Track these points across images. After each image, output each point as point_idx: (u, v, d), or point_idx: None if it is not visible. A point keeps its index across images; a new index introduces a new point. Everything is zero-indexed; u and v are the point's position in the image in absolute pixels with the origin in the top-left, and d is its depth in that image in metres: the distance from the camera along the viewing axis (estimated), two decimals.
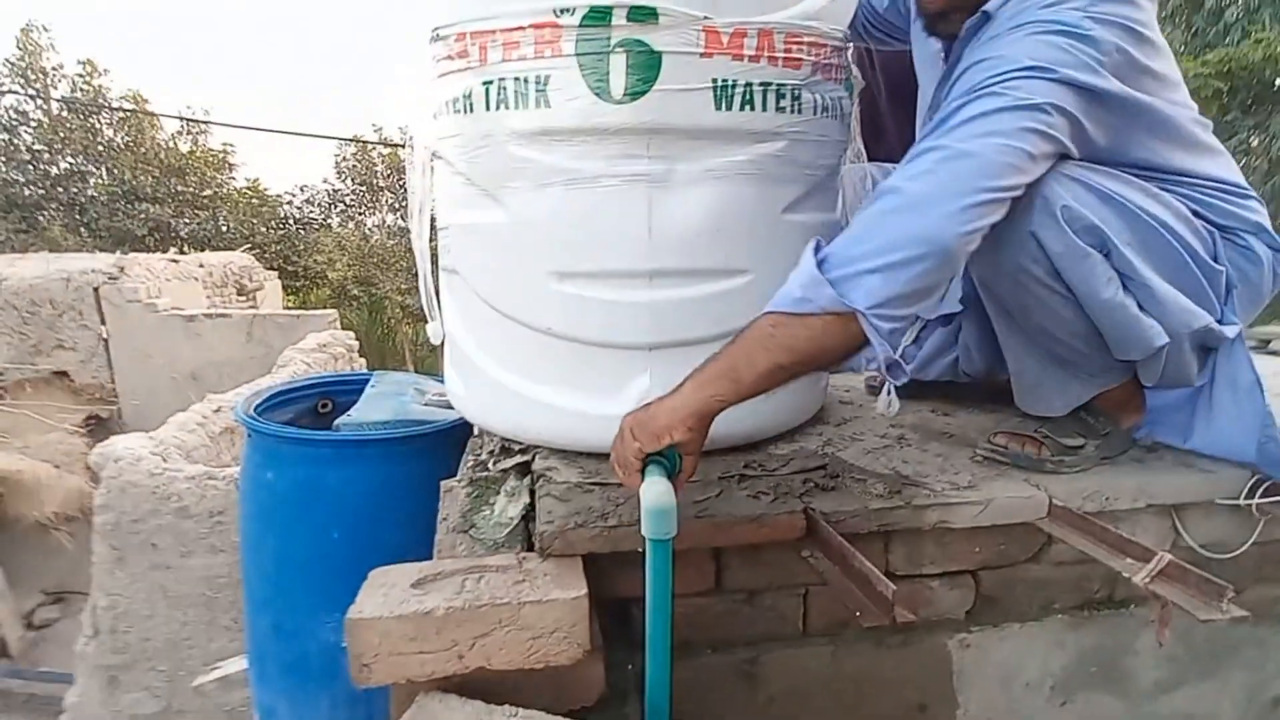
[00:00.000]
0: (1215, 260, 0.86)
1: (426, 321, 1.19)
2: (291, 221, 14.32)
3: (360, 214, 14.47)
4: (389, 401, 1.47)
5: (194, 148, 13.68)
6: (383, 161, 13.27)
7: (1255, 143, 7.96)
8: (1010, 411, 1.15)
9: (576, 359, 0.97)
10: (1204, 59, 7.29)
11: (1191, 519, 1.04)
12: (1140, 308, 0.85)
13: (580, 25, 0.85)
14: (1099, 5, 0.77)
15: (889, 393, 1.11)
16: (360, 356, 5.68)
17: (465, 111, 0.96)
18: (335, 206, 14.40)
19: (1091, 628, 1.04)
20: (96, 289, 5.36)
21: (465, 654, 0.68)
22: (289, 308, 10.35)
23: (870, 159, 1.35)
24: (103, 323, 5.37)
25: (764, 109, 0.90)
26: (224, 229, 13.47)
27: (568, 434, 0.99)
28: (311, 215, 14.49)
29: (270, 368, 4.80)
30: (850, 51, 1.06)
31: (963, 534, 0.95)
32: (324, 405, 1.66)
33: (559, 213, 0.93)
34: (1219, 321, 0.87)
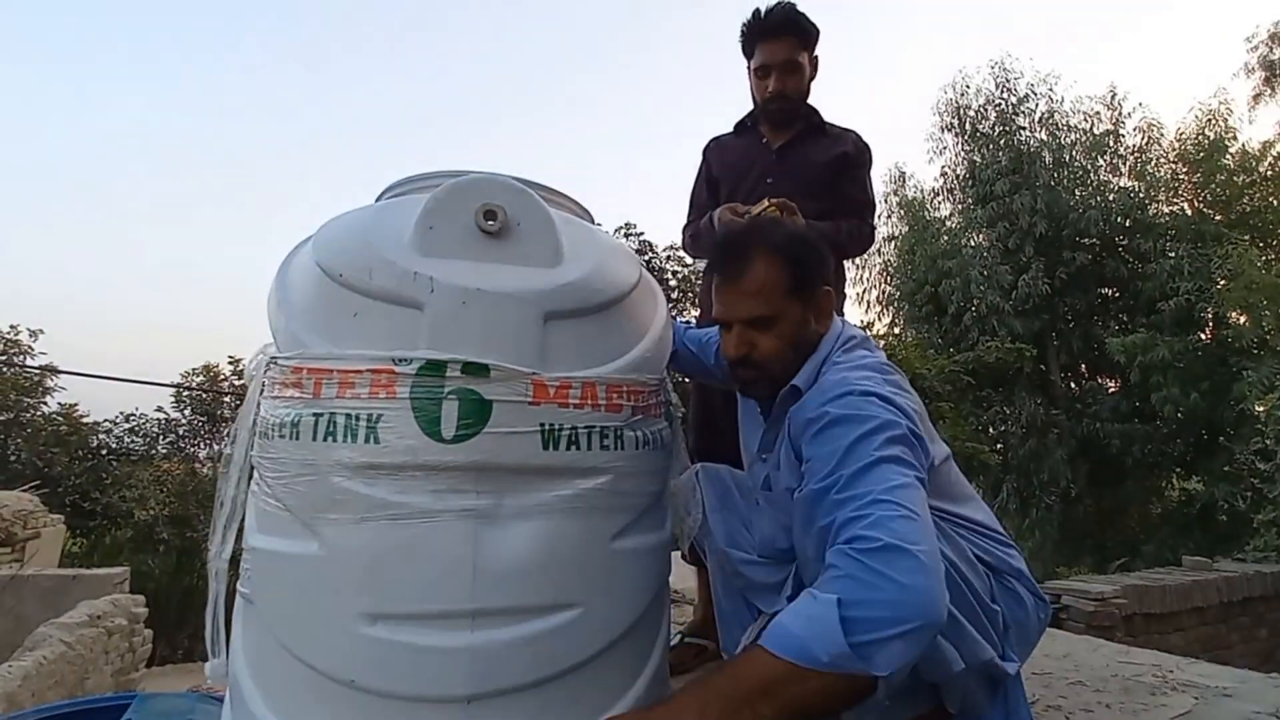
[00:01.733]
0: (993, 600, 0.97)
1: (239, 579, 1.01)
2: (105, 452, 12.64)
3: (194, 445, 13.16)
4: None
5: (6, 370, 12.22)
6: (233, 392, 12.53)
7: (1008, 410, 9.94)
8: None
9: (382, 718, 0.85)
10: (954, 358, 9.35)
11: None
12: (942, 634, 0.91)
13: (416, 374, 0.90)
14: (890, 383, 0.98)
15: None
16: (147, 628, 4.68)
17: (290, 438, 0.94)
18: (165, 437, 13.04)
19: None
20: None
21: None
22: (72, 555, 8.65)
23: (706, 457, 1.46)
24: None
25: (589, 448, 0.97)
26: (12, 459, 11.55)
27: None
28: (132, 445, 12.93)
29: (15, 649, 3.80)
30: (668, 386, 1.20)
31: None
32: None
33: (378, 547, 0.88)
34: (1001, 658, 0.95)
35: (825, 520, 0.86)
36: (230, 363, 13.23)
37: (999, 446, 10.18)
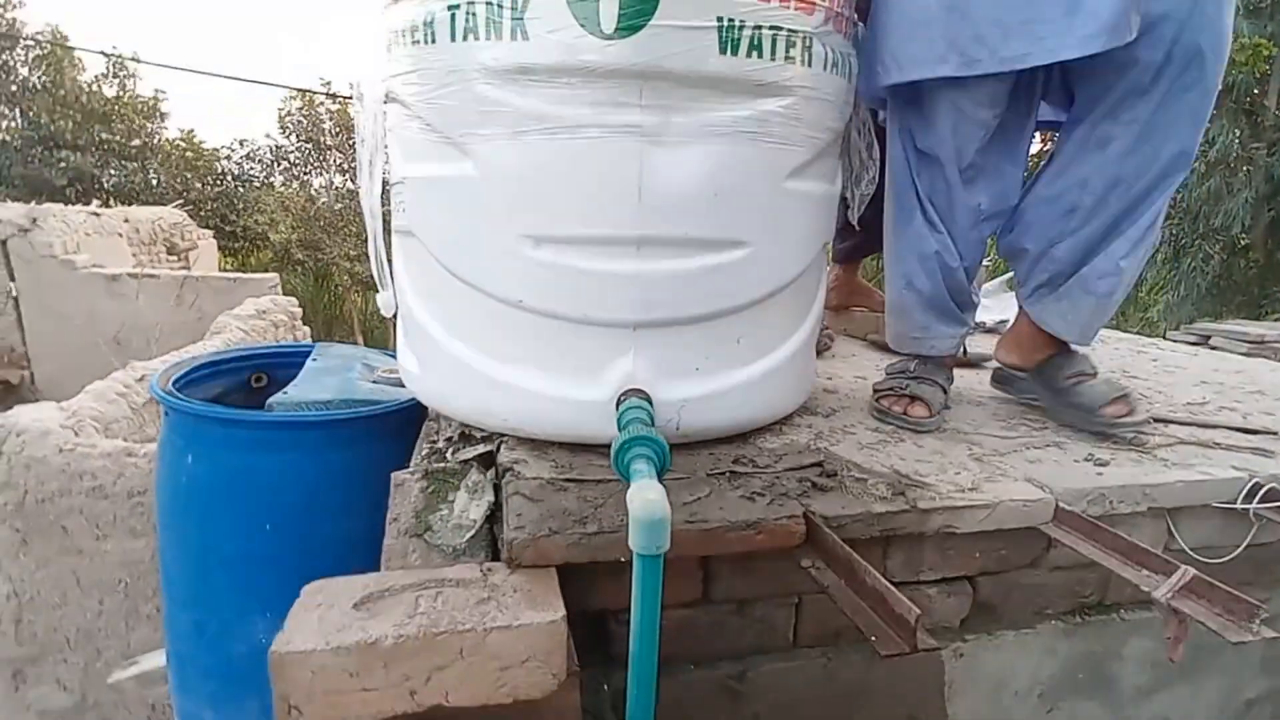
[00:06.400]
0: None
1: (376, 290, 1.05)
2: (230, 178, 13.46)
3: (306, 174, 13.70)
4: (332, 378, 1.32)
5: (121, 93, 12.63)
6: (331, 118, 12.54)
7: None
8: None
9: (551, 337, 0.85)
10: None
11: (1185, 522, 1.00)
12: None
13: None
14: None
15: None
16: (304, 325, 5.36)
17: (426, 42, 0.81)
18: (278, 164, 13.59)
19: (1082, 633, 1.00)
20: (4, 242, 4.88)
21: (419, 690, 0.57)
22: (226, 270, 9.78)
23: None
24: (11, 279, 4.91)
25: (773, 57, 0.79)
26: (154, 182, 12.57)
27: (539, 421, 0.88)
28: (252, 172, 13.65)
29: (204, 334, 4.48)
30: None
31: (965, 539, 0.88)
32: (258, 379, 1.49)
33: (536, 166, 0.80)
34: None
35: None
36: (323, 84, 13.03)
37: None
